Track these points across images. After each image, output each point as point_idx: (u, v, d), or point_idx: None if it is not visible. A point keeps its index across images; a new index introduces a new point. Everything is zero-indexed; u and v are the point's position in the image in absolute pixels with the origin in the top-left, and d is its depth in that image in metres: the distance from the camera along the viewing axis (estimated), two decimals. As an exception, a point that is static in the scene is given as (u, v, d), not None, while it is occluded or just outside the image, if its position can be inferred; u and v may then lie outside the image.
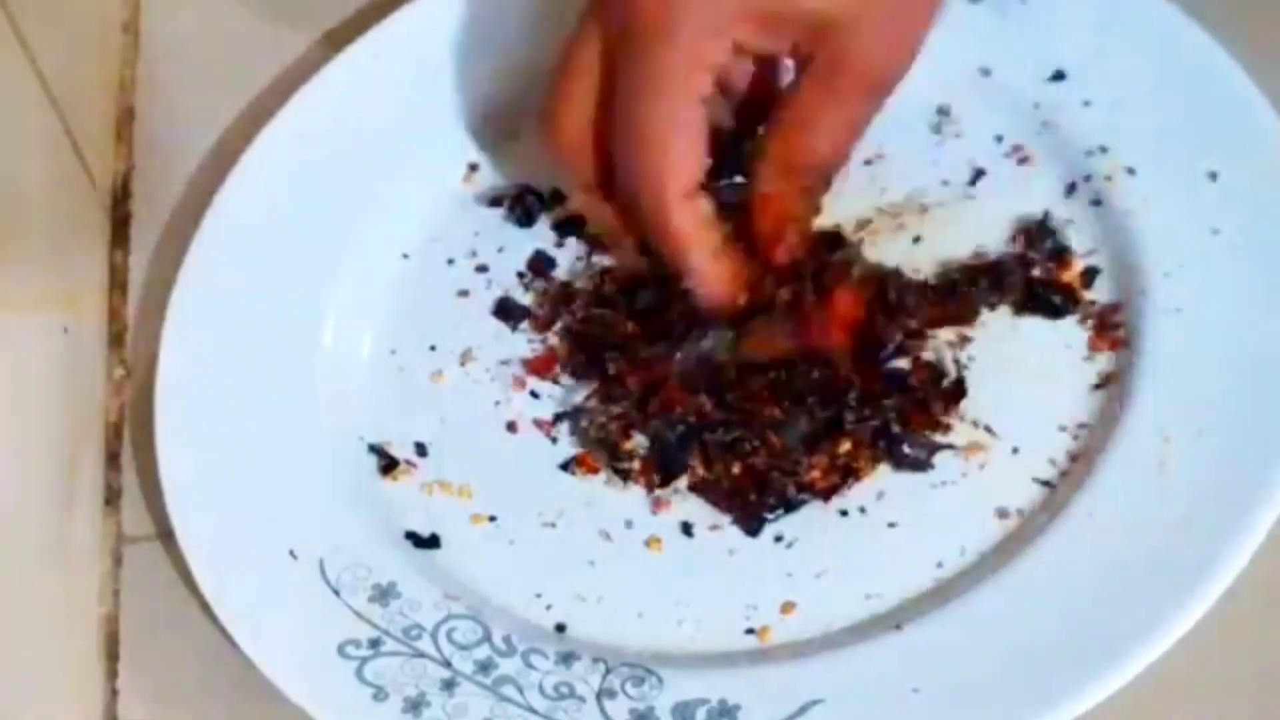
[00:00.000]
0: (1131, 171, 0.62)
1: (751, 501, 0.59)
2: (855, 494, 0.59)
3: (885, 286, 0.60)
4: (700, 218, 0.58)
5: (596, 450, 0.61)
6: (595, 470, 0.61)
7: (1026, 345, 0.61)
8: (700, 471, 0.60)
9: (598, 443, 0.61)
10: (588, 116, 0.59)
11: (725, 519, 0.59)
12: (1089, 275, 0.61)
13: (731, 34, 0.56)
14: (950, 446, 0.59)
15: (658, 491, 0.60)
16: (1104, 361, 0.60)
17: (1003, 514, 0.58)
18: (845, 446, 0.59)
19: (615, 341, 0.62)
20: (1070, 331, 0.61)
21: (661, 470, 0.60)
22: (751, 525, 0.59)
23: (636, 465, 0.60)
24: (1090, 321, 0.60)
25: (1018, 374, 0.60)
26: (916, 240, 0.63)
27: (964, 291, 0.61)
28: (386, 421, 0.63)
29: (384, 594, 0.59)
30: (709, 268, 0.58)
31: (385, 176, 0.67)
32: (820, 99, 0.57)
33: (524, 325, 0.64)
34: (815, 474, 0.59)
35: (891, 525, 0.58)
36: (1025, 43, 0.64)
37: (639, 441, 0.60)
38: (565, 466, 0.61)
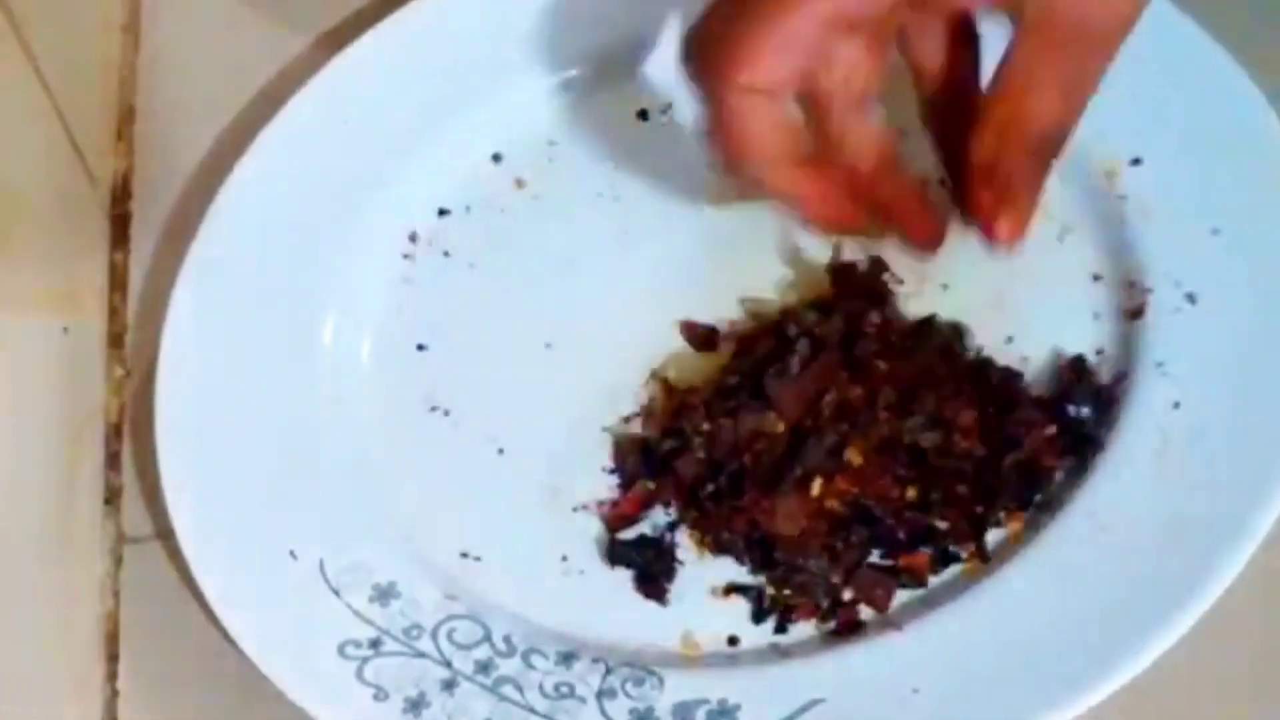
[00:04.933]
0: (1131, 171, 0.62)
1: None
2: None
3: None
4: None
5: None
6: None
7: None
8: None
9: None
10: None
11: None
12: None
13: None
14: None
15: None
16: (1104, 362, 0.60)
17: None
18: None
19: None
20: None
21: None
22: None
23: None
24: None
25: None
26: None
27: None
28: (386, 422, 0.63)
29: (384, 594, 0.59)
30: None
31: (385, 177, 0.66)
32: (1040, 54, 0.52)
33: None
34: None
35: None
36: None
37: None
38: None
